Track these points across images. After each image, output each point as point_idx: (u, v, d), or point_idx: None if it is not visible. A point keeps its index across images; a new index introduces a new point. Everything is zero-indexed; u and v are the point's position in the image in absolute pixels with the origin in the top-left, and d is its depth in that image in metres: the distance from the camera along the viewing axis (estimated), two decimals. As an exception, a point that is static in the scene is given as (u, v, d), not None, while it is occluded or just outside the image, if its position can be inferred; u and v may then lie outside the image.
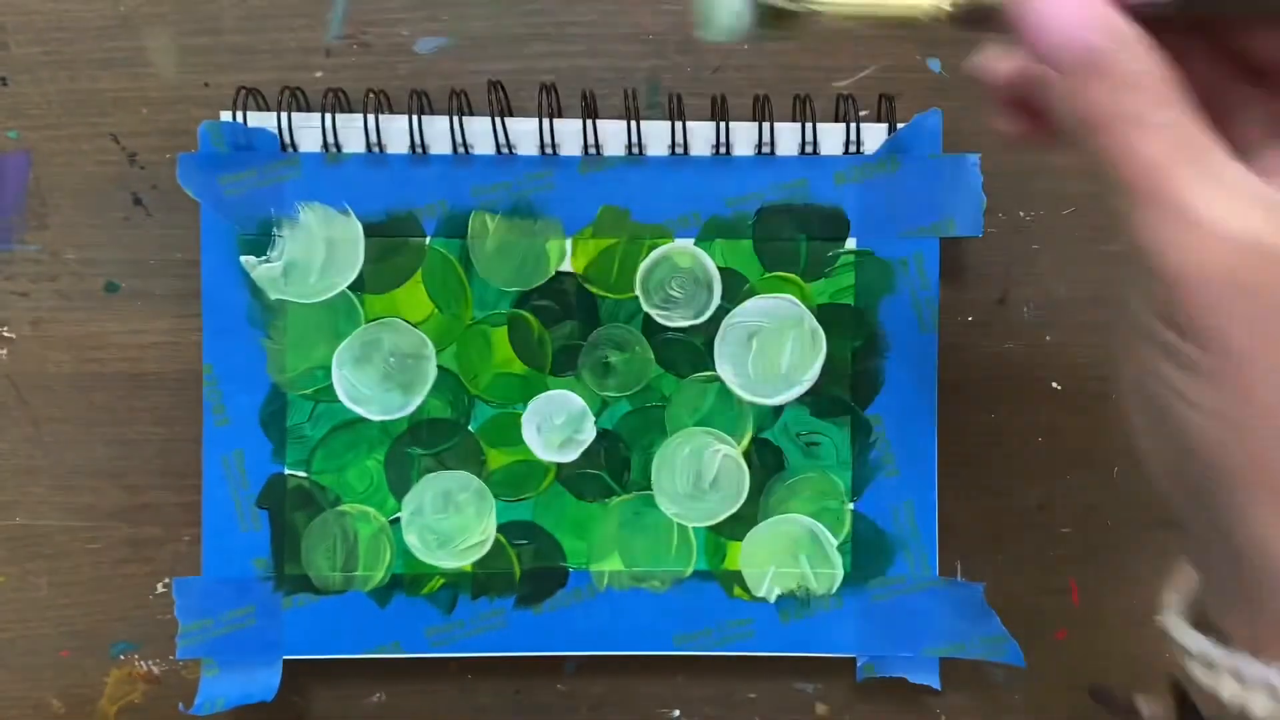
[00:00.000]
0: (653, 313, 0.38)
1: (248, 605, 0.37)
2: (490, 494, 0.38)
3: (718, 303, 0.38)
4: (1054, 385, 0.40)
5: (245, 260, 0.37)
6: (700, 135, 0.38)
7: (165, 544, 0.39)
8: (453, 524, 0.38)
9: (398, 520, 0.38)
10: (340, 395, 0.38)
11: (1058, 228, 0.40)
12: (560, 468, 0.38)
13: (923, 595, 0.38)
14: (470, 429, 0.38)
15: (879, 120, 0.38)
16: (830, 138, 0.38)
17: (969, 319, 0.40)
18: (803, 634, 0.38)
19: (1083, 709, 0.41)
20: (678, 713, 0.41)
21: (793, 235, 0.38)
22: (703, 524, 0.38)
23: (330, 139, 0.37)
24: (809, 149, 0.38)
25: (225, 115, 0.37)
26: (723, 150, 0.37)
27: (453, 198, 0.37)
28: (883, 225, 0.38)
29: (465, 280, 0.38)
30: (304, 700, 0.40)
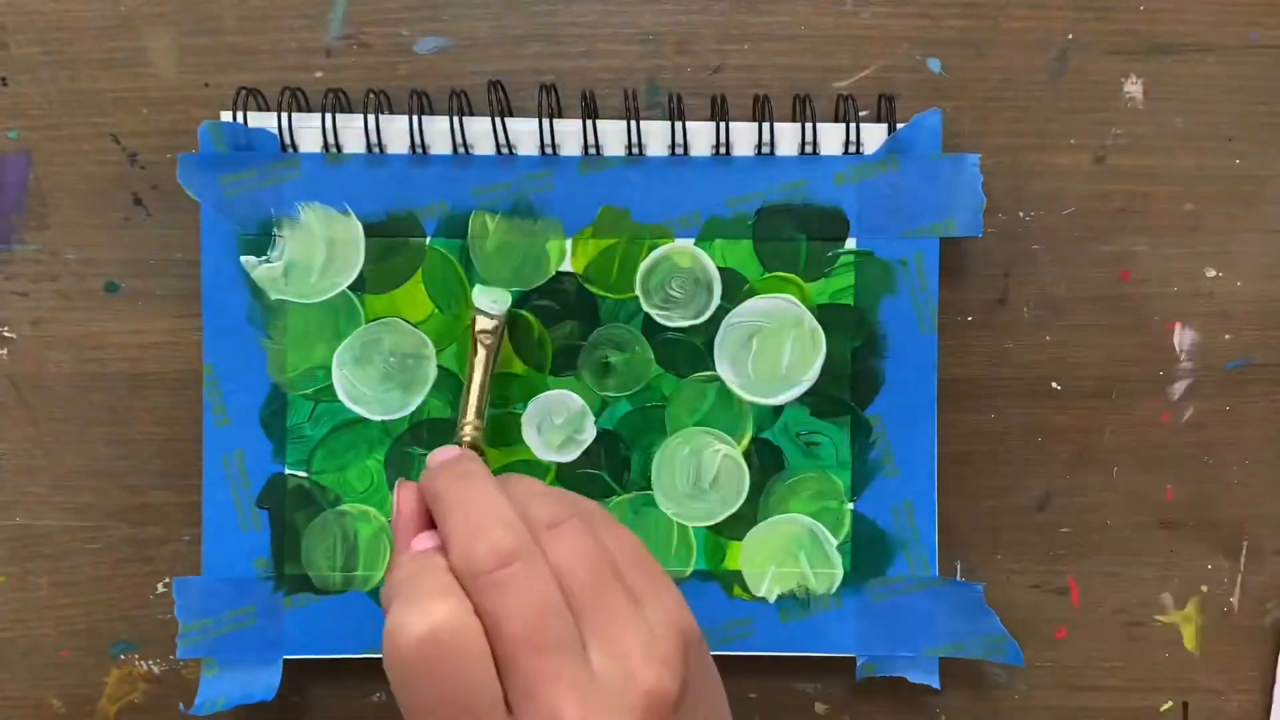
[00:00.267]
0: (653, 313, 0.38)
1: (248, 605, 0.37)
2: (490, 494, 0.38)
3: (718, 303, 0.38)
4: (1054, 385, 0.40)
5: (245, 260, 0.37)
6: (700, 135, 0.38)
7: (165, 544, 0.39)
8: (453, 524, 0.38)
9: (398, 520, 0.38)
10: (340, 395, 0.38)
11: (1058, 228, 0.40)
12: (560, 468, 0.38)
13: (923, 595, 0.38)
14: (470, 429, 0.38)
15: (879, 120, 0.38)
16: (830, 138, 0.38)
17: (969, 319, 0.40)
18: (802, 634, 0.38)
19: (1082, 709, 0.41)
20: (678, 713, 0.40)
21: (793, 235, 0.38)
22: (702, 524, 0.38)
23: (330, 139, 0.37)
24: (809, 149, 0.38)
25: (225, 115, 0.37)
26: (723, 150, 0.37)
27: (453, 198, 0.37)
28: (883, 225, 0.38)
29: (465, 280, 0.38)
30: (304, 700, 0.40)
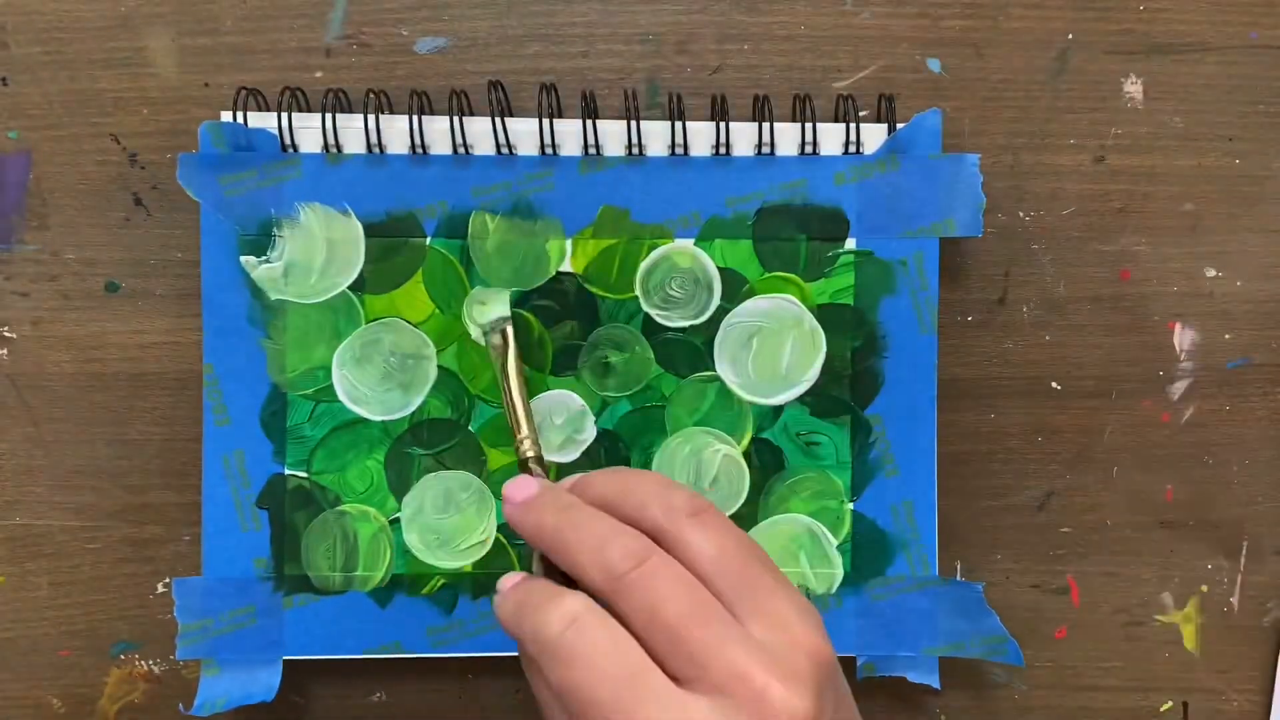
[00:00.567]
0: (653, 313, 0.38)
1: (248, 605, 0.37)
2: (490, 494, 0.38)
3: (717, 303, 0.38)
4: (1054, 385, 0.40)
5: (245, 260, 0.37)
6: (700, 135, 0.38)
7: (165, 544, 0.39)
8: (453, 524, 0.38)
9: (398, 520, 0.38)
10: (340, 395, 0.38)
11: (1058, 228, 0.40)
12: (560, 468, 0.38)
13: (923, 595, 0.38)
14: (471, 429, 0.38)
15: (879, 120, 0.38)
16: (830, 138, 0.38)
17: (969, 319, 0.40)
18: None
19: (1082, 709, 0.41)
20: (678, 712, 0.40)
21: (792, 235, 0.38)
22: (703, 524, 0.38)
23: (330, 139, 0.37)
24: (809, 149, 0.38)
25: (225, 115, 0.37)
26: (723, 150, 0.37)
27: (453, 198, 0.37)
28: (882, 225, 0.38)
29: (465, 280, 0.38)
30: (304, 700, 0.40)
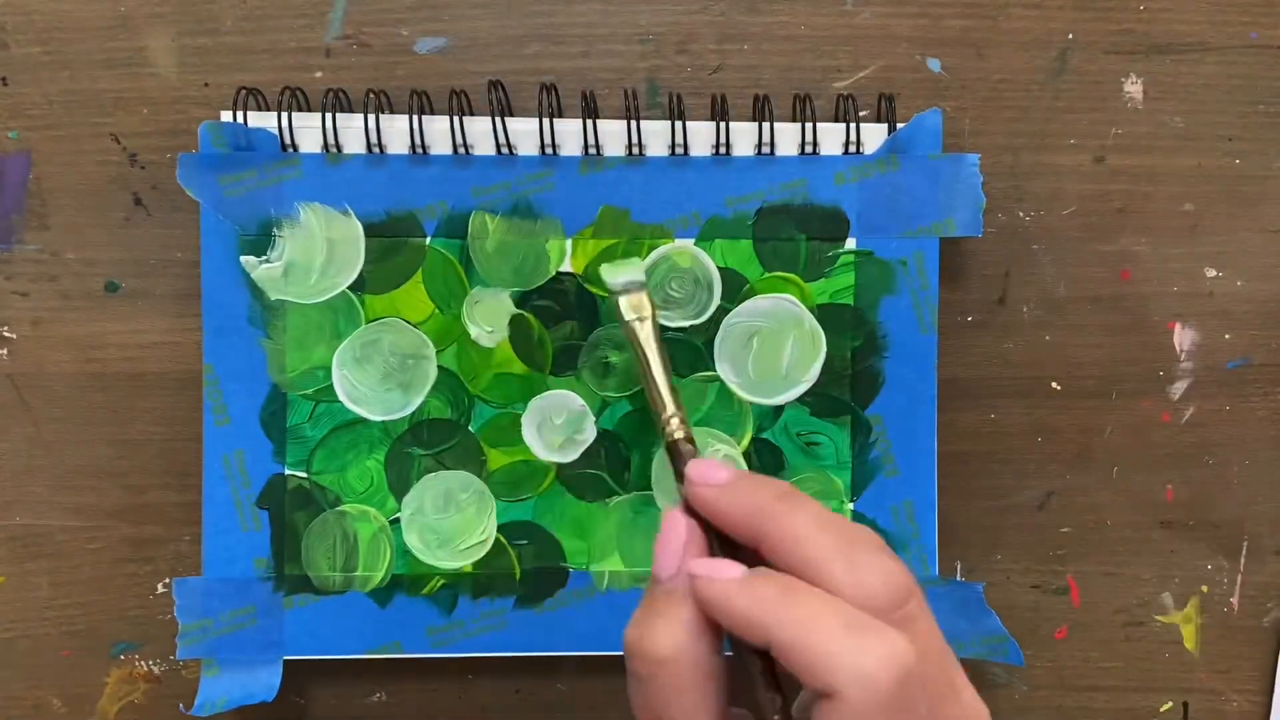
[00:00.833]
0: (653, 313, 0.38)
1: (248, 605, 0.37)
2: (490, 494, 0.38)
3: (718, 303, 0.38)
4: (1054, 385, 0.40)
5: (245, 260, 0.37)
6: (700, 135, 0.38)
7: (165, 544, 0.39)
8: (453, 524, 0.38)
9: (398, 520, 0.38)
10: (340, 395, 0.38)
11: (1058, 228, 0.40)
12: (560, 468, 0.38)
13: (923, 595, 0.38)
14: (470, 429, 0.38)
15: (879, 120, 0.38)
16: (830, 138, 0.38)
17: (969, 319, 0.40)
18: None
19: (1082, 709, 0.41)
20: (678, 712, 0.41)
21: (792, 235, 0.38)
22: (703, 524, 0.38)
23: (330, 139, 0.37)
24: (809, 149, 0.38)
25: (225, 115, 0.37)
26: (723, 150, 0.37)
27: (453, 198, 0.37)
28: (882, 225, 0.38)
29: (465, 280, 0.38)
30: (304, 700, 0.40)
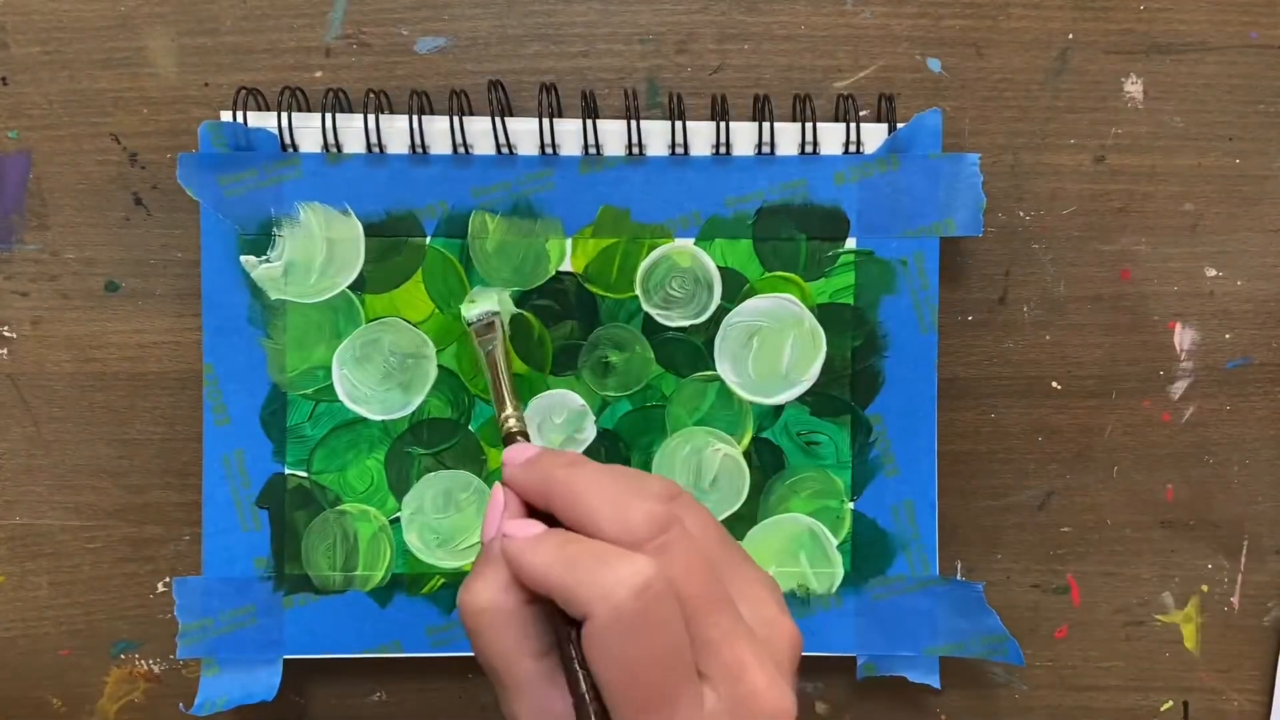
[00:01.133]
0: (653, 312, 0.38)
1: (248, 605, 0.37)
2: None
3: (718, 302, 0.38)
4: (1054, 385, 0.40)
5: (245, 260, 0.37)
6: (700, 135, 0.38)
7: (165, 543, 0.39)
8: (453, 523, 0.38)
9: (398, 520, 0.38)
10: (340, 395, 0.38)
11: (1058, 228, 0.40)
12: (560, 467, 0.38)
13: (923, 595, 0.38)
14: (470, 429, 0.38)
15: (879, 120, 0.38)
16: (830, 138, 0.38)
17: (969, 319, 0.40)
18: (803, 633, 0.38)
19: (1082, 709, 0.41)
20: (678, 712, 0.41)
21: (793, 235, 0.38)
22: (703, 524, 0.38)
23: (330, 139, 0.37)
24: (809, 149, 0.38)
25: (225, 115, 0.37)
26: (723, 150, 0.37)
27: (453, 198, 0.37)
28: (883, 225, 0.38)
29: (465, 280, 0.38)
30: (304, 700, 0.40)
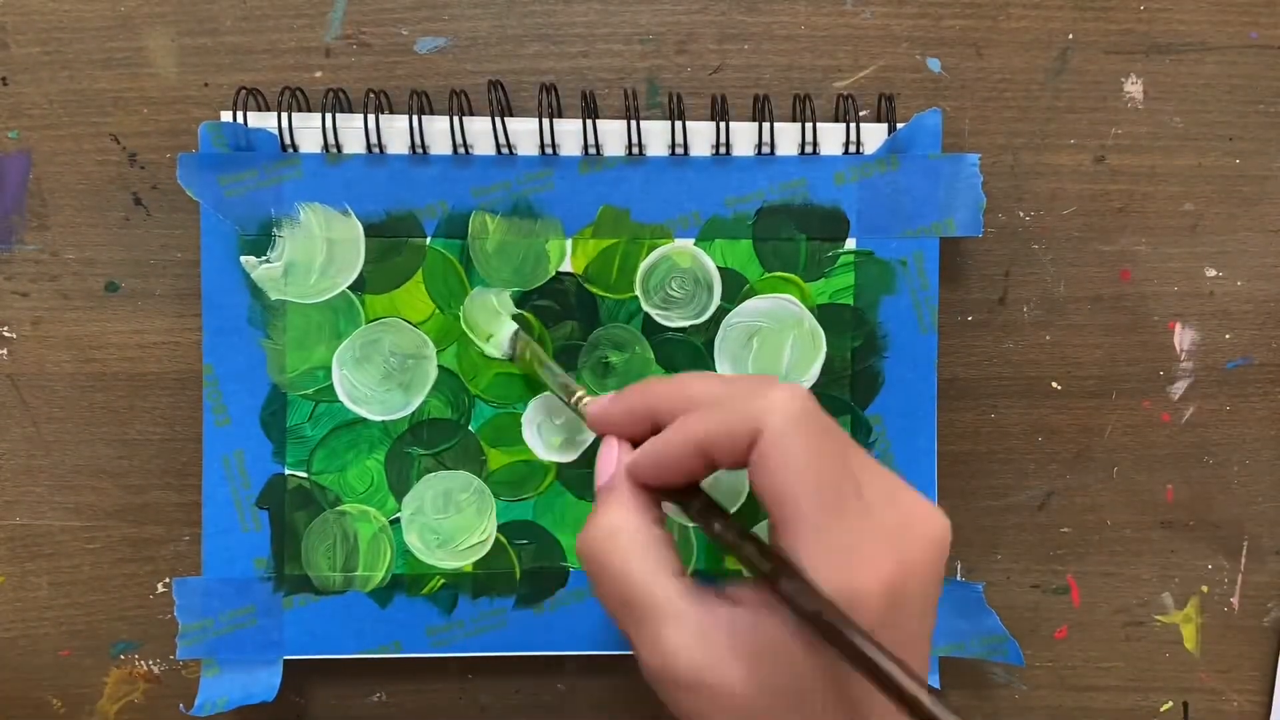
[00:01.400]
0: (653, 313, 0.38)
1: (248, 605, 0.37)
2: (490, 494, 0.38)
3: (718, 303, 0.38)
4: (1054, 385, 0.40)
5: (245, 260, 0.37)
6: (700, 135, 0.38)
7: (165, 544, 0.39)
8: (453, 524, 0.38)
9: (398, 520, 0.38)
10: (340, 395, 0.38)
11: (1058, 228, 0.40)
12: (560, 467, 0.38)
13: (923, 595, 0.38)
14: (470, 429, 0.38)
15: (879, 120, 0.38)
16: (830, 138, 0.38)
17: (969, 319, 0.40)
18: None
19: (1082, 709, 0.41)
20: (678, 712, 0.41)
21: (792, 235, 0.38)
22: (703, 524, 0.38)
23: (330, 139, 0.37)
24: (809, 149, 0.38)
25: (225, 115, 0.37)
26: (723, 150, 0.37)
27: (453, 198, 0.37)
28: (883, 225, 0.38)
29: (465, 280, 0.38)
30: (304, 700, 0.40)
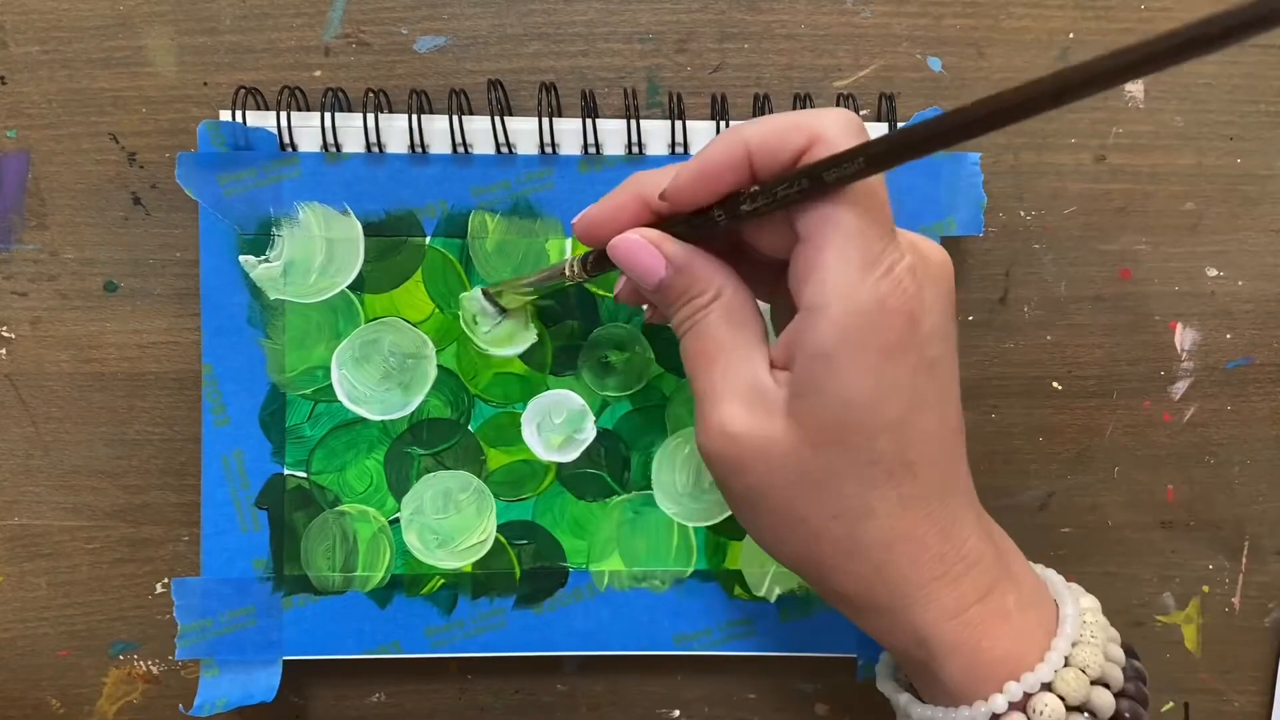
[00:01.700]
0: (653, 312, 0.38)
1: (248, 605, 0.37)
2: (490, 494, 0.38)
3: (718, 302, 0.38)
4: (1054, 385, 0.40)
5: (245, 260, 0.37)
6: (700, 135, 0.37)
7: (165, 544, 0.39)
8: (453, 524, 0.38)
9: (398, 520, 0.38)
10: (340, 395, 0.38)
11: (1058, 228, 0.40)
12: (560, 467, 0.38)
13: (923, 595, 0.38)
14: (470, 429, 0.38)
15: (879, 119, 0.38)
16: (830, 137, 0.38)
17: (969, 319, 0.40)
18: (803, 634, 0.38)
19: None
20: (677, 713, 0.41)
21: (793, 235, 0.38)
22: (703, 524, 0.38)
23: (330, 139, 0.37)
24: (809, 149, 0.38)
25: (224, 114, 0.37)
26: (723, 150, 0.37)
27: (452, 197, 0.37)
28: (883, 225, 0.38)
29: (465, 280, 0.38)
30: (304, 700, 0.40)
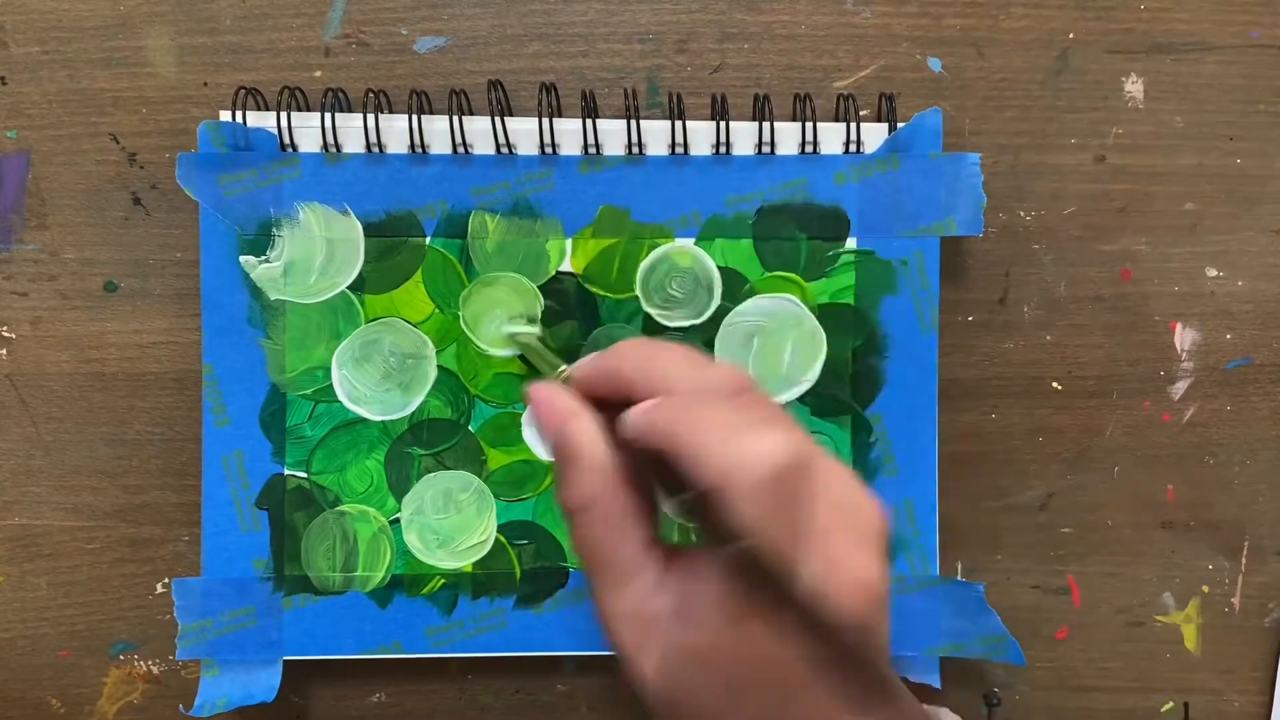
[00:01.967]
0: (653, 313, 0.38)
1: (248, 605, 0.37)
2: (490, 494, 0.38)
3: (718, 303, 0.38)
4: (1054, 385, 0.40)
5: (245, 260, 0.37)
6: (700, 135, 0.37)
7: (165, 544, 0.39)
8: (453, 524, 0.38)
9: (398, 520, 0.38)
10: (340, 395, 0.38)
11: (1058, 228, 0.40)
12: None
13: (923, 595, 0.38)
14: (470, 429, 0.38)
15: (879, 120, 0.38)
16: (830, 137, 0.38)
17: (969, 319, 0.40)
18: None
19: (1083, 709, 0.41)
20: (678, 712, 0.41)
21: (793, 235, 0.38)
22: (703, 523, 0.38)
23: (330, 139, 0.37)
24: (809, 148, 0.38)
25: (224, 115, 0.37)
26: (723, 150, 0.37)
27: (453, 198, 0.37)
28: (883, 225, 0.38)
29: (465, 280, 0.38)
30: (304, 700, 0.40)
